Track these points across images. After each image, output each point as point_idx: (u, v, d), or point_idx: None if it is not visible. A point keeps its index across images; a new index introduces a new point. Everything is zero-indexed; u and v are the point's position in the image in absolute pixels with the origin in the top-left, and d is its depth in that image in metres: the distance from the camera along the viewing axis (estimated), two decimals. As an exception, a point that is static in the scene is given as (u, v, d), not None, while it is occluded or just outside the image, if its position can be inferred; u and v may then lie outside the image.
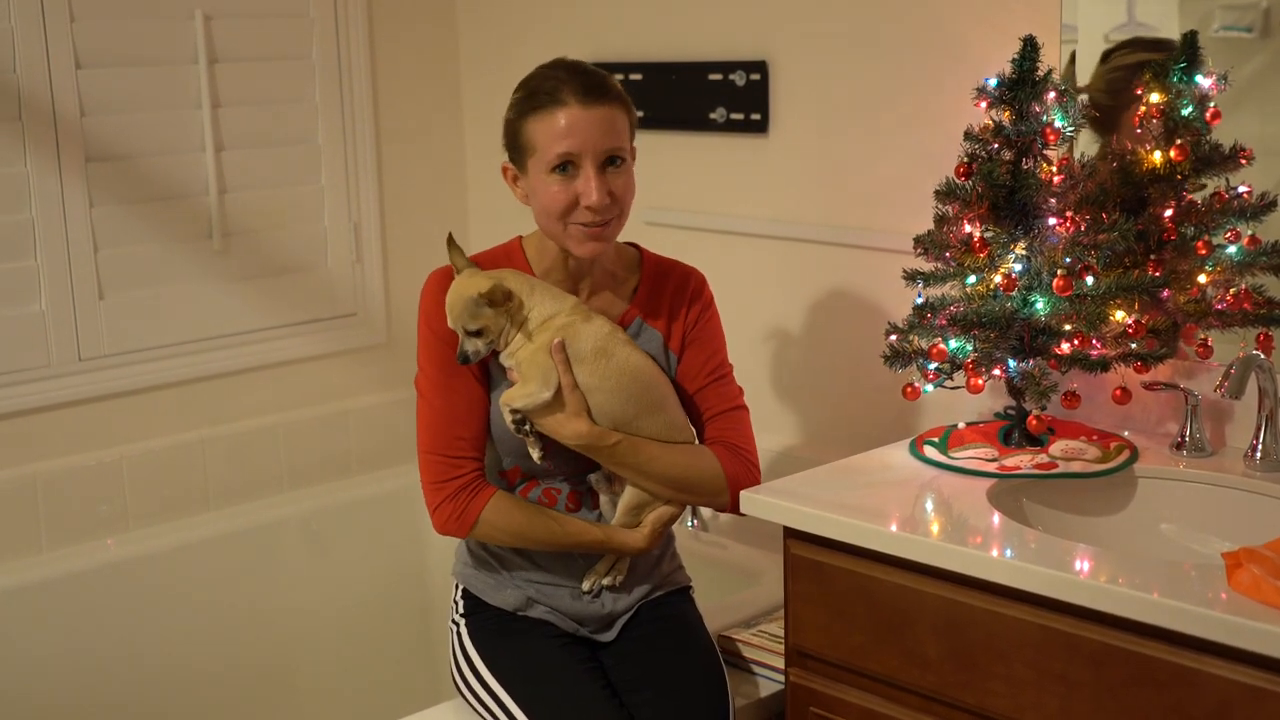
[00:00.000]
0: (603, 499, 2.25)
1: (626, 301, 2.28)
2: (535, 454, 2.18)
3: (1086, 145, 2.37)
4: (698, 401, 2.27)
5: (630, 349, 2.19)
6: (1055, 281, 2.12)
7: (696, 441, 2.27)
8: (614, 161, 2.14)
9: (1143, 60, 2.31)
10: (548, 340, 2.13)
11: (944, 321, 2.19)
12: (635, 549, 2.22)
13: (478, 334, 2.13)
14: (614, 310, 2.26)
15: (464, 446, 2.19)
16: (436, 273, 2.22)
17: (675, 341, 2.28)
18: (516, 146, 2.17)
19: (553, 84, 2.12)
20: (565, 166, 2.11)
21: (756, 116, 2.88)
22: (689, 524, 3.00)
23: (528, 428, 2.17)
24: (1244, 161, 2.20)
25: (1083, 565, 1.81)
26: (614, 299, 2.28)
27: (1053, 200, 2.15)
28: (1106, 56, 2.38)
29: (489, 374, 2.22)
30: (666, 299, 2.28)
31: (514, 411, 2.15)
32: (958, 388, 2.23)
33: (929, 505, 2.10)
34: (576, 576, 2.26)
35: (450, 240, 2.21)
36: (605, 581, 2.26)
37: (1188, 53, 2.23)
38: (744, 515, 2.16)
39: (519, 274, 2.19)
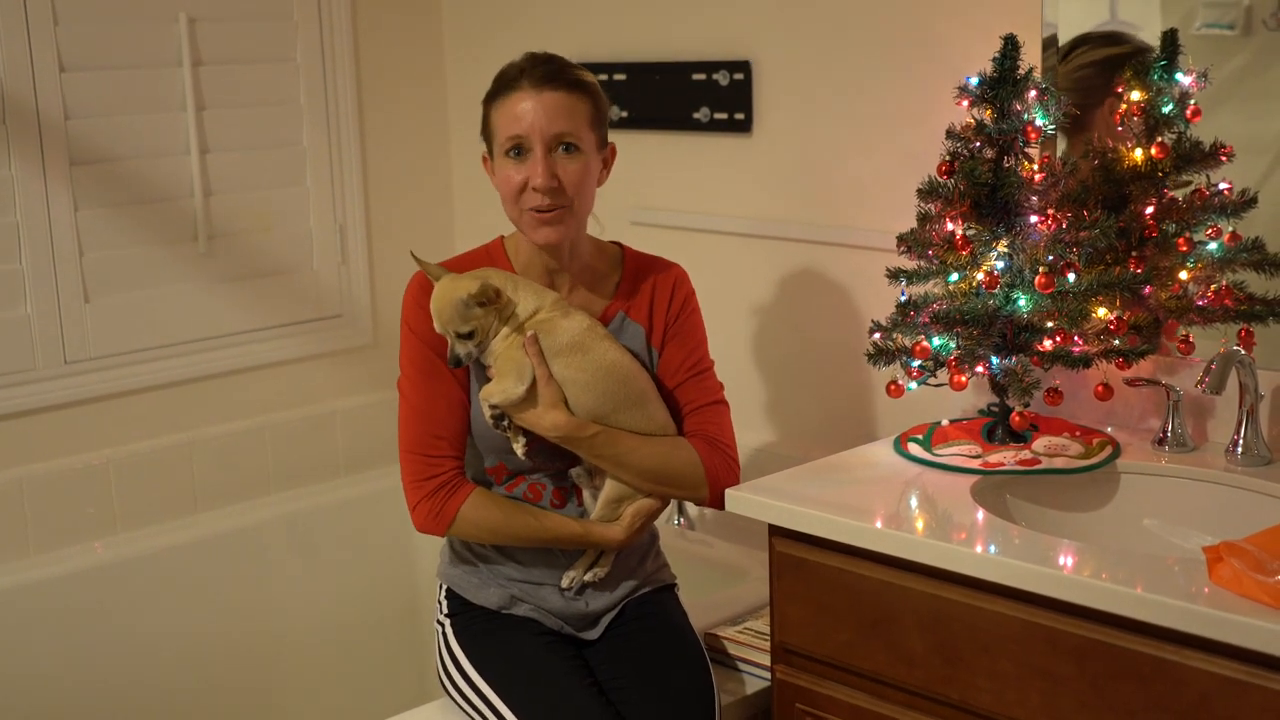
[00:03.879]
0: (585, 494, 2.26)
1: (608, 298, 2.29)
2: (519, 449, 2.18)
3: (1059, 143, 2.38)
4: (678, 396, 2.28)
5: (608, 344, 2.19)
6: (1037, 279, 2.13)
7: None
8: (567, 149, 2.16)
9: (1108, 55, 2.32)
10: (522, 336, 2.14)
11: (927, 319, 2.20)
12: (613, 542, 2.23)
13: (468, 336, 2.14)
14: (595, 306, 2.27)
15: (443, 446, 2.20)
16: (418, 275, 2.23)
17: (657, 337, 2.29)
18: (486, 133, 2.23)
19: (514, 71, 2.19)
20: (518, 150, 2.15)
21: (740, 116, 2.88)
22: (675, 522, 3.00)
23: (506, 423, 2.17)
24: (1224, 158, 2.21)
25: (1066, 560, 1.82)
26: (595, 295, 2.28)
27: (1034, 198, 2.16)
28: (1066, 56, 2.39)
29: (469, 373, 2.22)
30: (648, 295, 2.29)
31: (492, 407, 2.16)
32: (941, 385, 2.24)
33: (913, 502, 2.10)
34: (559, 574, 2.27)
35: (415, 257, 2.22)
36: (586, 578, 2.26)
37: (1167, 50, 2.24)
38: (723, 510, 2.17)
39: (499, 271, 2.20)
